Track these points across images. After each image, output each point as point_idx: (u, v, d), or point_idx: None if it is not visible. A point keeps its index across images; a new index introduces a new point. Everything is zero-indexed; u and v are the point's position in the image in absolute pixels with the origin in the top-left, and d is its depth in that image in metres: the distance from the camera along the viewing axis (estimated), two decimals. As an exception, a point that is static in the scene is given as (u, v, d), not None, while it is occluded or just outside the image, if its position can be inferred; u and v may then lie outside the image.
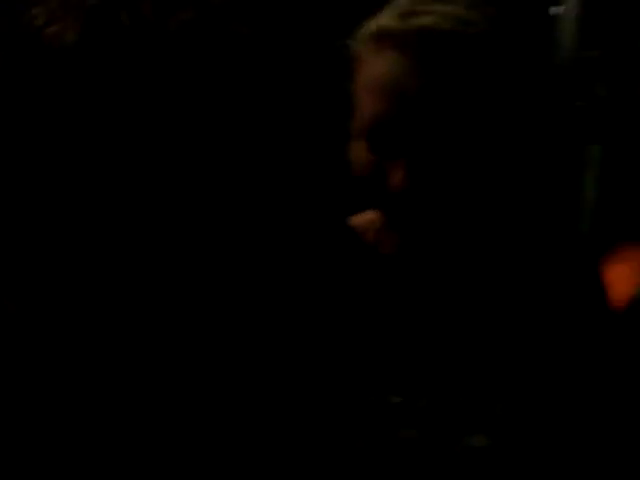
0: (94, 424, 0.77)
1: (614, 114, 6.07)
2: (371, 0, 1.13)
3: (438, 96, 1.04)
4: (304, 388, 0.86)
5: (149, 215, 0.68)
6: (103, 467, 0.79)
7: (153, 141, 0.70)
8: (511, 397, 0.99)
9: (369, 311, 1.08)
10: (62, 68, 0.71)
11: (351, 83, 1.12)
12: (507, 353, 1.01)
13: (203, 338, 0.76)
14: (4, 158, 0.64)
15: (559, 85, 5.26)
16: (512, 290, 1.05)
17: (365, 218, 1.19)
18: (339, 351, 0.99)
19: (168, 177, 0.68)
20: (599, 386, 0.97)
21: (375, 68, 1.09)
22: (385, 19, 1.09)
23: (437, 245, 1.11)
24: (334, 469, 0.91)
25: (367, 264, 1.14)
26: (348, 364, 1.02)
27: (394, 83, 1.06)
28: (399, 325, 1.08)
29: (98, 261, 0.71)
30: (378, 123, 1.07)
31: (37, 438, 0.72)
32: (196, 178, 0.69)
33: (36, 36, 0.71)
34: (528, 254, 1.08)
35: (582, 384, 0.97)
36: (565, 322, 1.02)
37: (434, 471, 0.99)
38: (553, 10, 5.24)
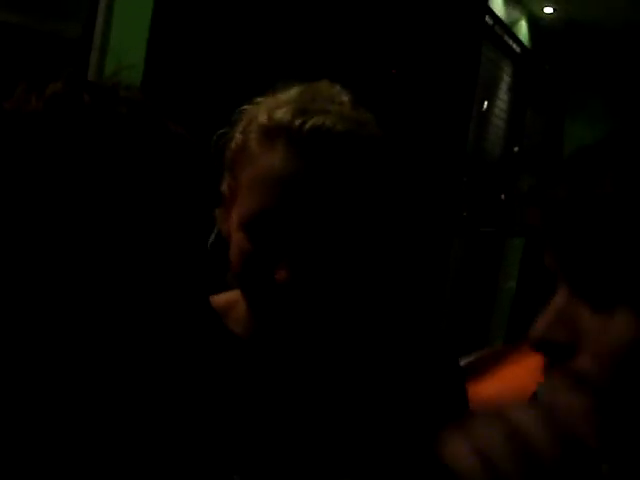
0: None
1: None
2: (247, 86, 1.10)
3: (326, 193, 1.00)
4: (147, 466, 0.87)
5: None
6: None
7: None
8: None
9: (218, 392, 1.05)
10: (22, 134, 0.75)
11: (229, 172, 1.07)
12: (351, 433, 1.05)
13: None
14: None
15: (487, 180, 5.40)
16: (365, 377, 1.09)
17: (225, 298, 1.15)
18: (185, 430, 0.96)
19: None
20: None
21: (265, 162, 1.01)
22: (280, 114, 1.01)
23: (299, 331, 1.08)
24: None
25: (224, 346, 1.09)
26: (194, 444, 0.99)
27: (284, 178, 0.99)
28: (246, 406, 1.06)
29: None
30: (260, 217, 1.01)
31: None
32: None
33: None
34: (390, 344, 1.11)
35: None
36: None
37: None
38: (485, 106, 5.43)
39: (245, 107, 1.08)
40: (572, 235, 0.69)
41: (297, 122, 0.99)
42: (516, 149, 6.19)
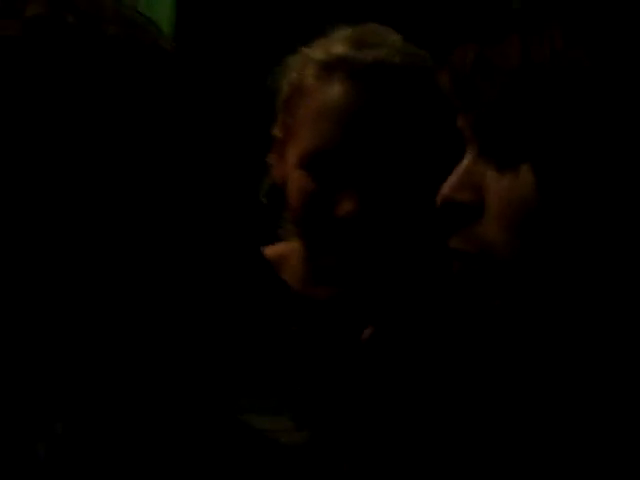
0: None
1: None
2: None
3: (389, 125, 1.00)
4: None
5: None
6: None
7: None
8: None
9: (274, 348, 1.03)
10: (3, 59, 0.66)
11: (283, 112, 1.07)
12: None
13: None
14: None
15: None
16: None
17: (278, 250, 1.11)
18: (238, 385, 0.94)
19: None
20: None
21: (325, 96, 1.02)
22: (338, 48, 1.03)
23: (359, 281, 1.05)
24: None
25: (279, 298, 1.07)
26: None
27: (346, 111, 1.00)
28: (305, 365, 1.03)
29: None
30: (323, 152, 1.00)
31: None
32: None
33: None
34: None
35: None
36: None
37: None
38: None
39: (289, 56, 1.08)
40: (481, 93, 0.68)
41: (357, 55, 1.01)
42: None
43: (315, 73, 1.03)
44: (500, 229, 0.67)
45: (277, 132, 1.07)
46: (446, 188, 0.69)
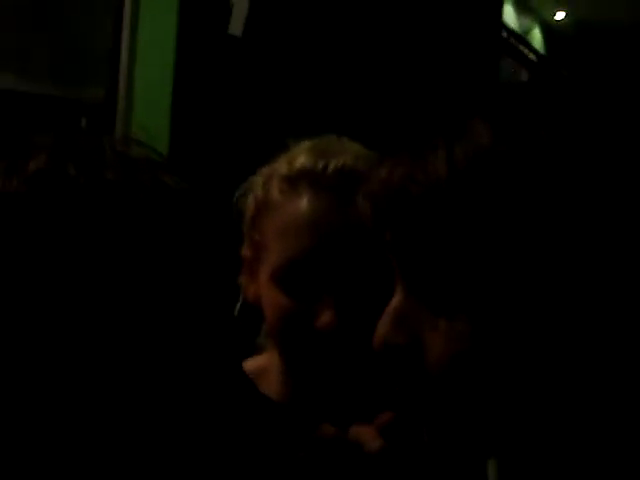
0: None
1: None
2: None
3: (354, 233, 0.97)
4: None
5: None
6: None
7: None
8: None
9: (254, 462, 0.99)
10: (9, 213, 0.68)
11: (251, 230, 1.05)
12: None
13: None
14: None
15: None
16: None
17: (255, 364, 1.10)
18: None
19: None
20: None
21: (291, 209, 1.00)
22: (301, 160, 1.01)
23: (338, 389, 1.02)
24: None
25: (260, 413, 1.04)
26: None
27: (313, 222, 0.98)
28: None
29: None
30: (294, 265, 0.98)
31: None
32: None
33: None
34: None
35: None
36: None
37: None
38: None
39: (252, 177, 1.07)
40: (406, 230, 0.62)
41: (320, 165, 0.99)
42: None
43: (280, 187, 1.02)
44: (441, 369, 0.62)
45: (246, 252, 1.06)
46: (382, 332, 0.65)
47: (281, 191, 1.01)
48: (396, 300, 0.64)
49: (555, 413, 0.61)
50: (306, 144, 1.05)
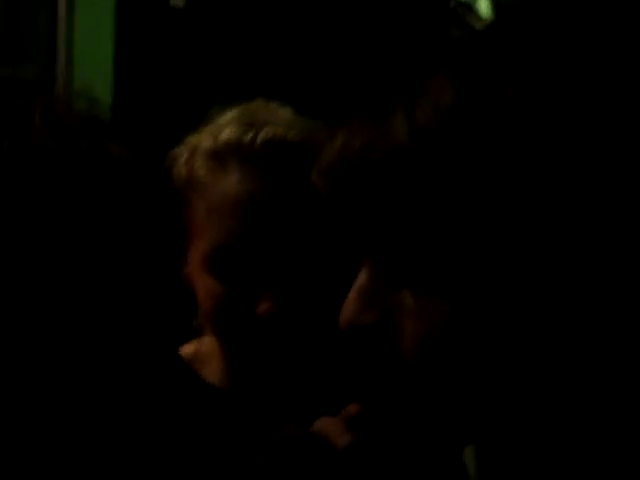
0: None
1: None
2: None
3: (292, 210, 0.90)
4: None
5: None
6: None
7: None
8: None
9: (197, 453, 0.93)
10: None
11: (181, 211, 0.96)
12: None
13: None
14: None
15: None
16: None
17: (193, 348, 1.02)
18: None
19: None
20: None
21: (219, 189, 0.91)
22: (226, 133, 0.93)
23: (280, 373, 0.97)
24: None
25: (200, 400, 0.97)
26: None
27: (244, 202, 0.90)
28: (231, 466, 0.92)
29: None
30: (226, 250, 0.91)
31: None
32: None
33: None
34: None
35: None
36: None
37: None
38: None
39: (176, 150, 0.98)
40: (369, 202, 0.56)
41: (247, 137, 0.91)
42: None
43: (205, 164, 0.93)
44: (414, 351, 0.57)
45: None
46: (348, 311, 0.59)
47: (207, 168, 0.93)
48: (362, 278, 0.59)
49: (535, 397, 0.56)
50: (231, 113, 0.96)
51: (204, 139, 0.94)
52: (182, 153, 0.96)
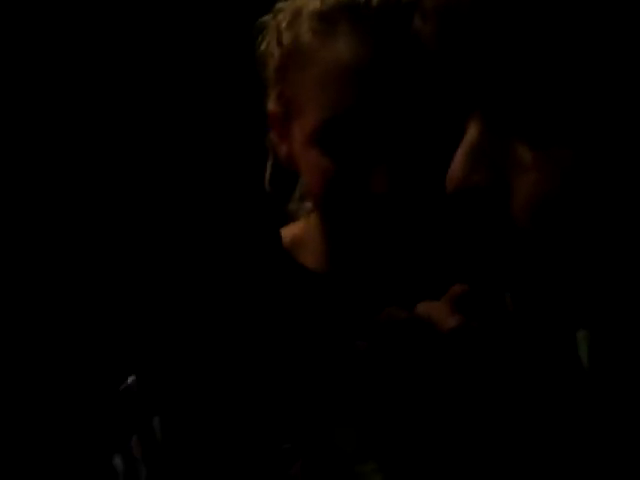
0: None
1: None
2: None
3: (409, 77, 0.85)
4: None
5: None
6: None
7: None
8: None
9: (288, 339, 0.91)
10: None
11: (278, 82, 0.92)
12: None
13: None
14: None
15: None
16: None
17: (290, 232, 0.99)
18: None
19: None
20: None
21: (330, 54, 0.86)
22: None
23: (386, 259, 0.92)
24: None
25: (298, 284, 0.94)
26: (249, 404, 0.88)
27: (358, 68, 0.85)
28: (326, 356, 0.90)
29: None
30: (338, 122, 0.86)
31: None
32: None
33: None
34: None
35: None
36: None
37: None
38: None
39: (265, 18, 0.93)
40: (482, 42, 0.51)
41: None
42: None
43: (312, 27, 0.87)
44: (529, 214, 0.52)
45: (273, 107, 0.92)
46: (456, 171, 0.53)
47: (315, 33, 0.87)
48: (472, 133, 0.53)
49: None
50: None
51: (310, 1, 0.87)
52: (282, 18, 0.90)
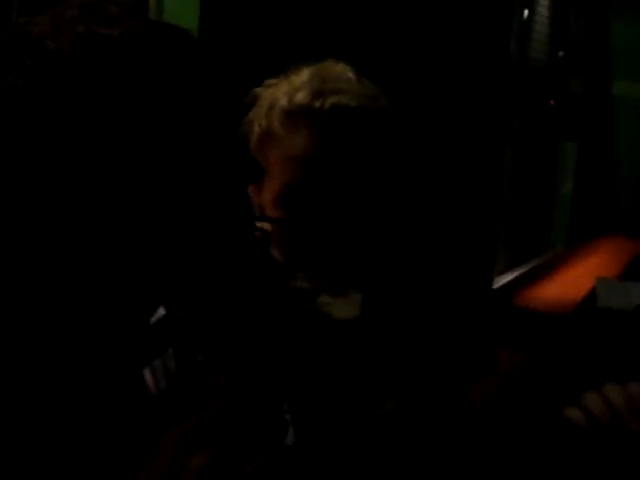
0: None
1: (588, 111, 6.15)
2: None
3: (346, 164, 1.14)
4: None
5: None
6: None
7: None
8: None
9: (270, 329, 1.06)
10: (62, 76, 0.76)
11: (257, 154, 1.20)
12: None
13: None
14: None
15: (534, 88, 5.40)
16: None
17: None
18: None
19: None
20: None
21: (291, 142, 1.16)
22: (300, 97, 1.16)
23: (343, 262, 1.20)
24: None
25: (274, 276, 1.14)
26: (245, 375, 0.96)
27: (310, 156, 1.14)
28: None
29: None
30: (293, 192, 1.15)
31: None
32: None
33: (37, 45, 0.77)
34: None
35: None
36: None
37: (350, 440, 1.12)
38: (525, 13, 5.40)
39: (258, 90, 1.22)
40: None
41: (317, 103, 1.15)
42: (561, 53, 6.14)
43: (281, 120, 1.17)
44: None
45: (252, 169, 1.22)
46: None
47: (282, 124, 1.17)
48: None
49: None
50: (305, 75, 1.19)
51: (281, 98, 1.18)
52: (262, 103, 1.20)
